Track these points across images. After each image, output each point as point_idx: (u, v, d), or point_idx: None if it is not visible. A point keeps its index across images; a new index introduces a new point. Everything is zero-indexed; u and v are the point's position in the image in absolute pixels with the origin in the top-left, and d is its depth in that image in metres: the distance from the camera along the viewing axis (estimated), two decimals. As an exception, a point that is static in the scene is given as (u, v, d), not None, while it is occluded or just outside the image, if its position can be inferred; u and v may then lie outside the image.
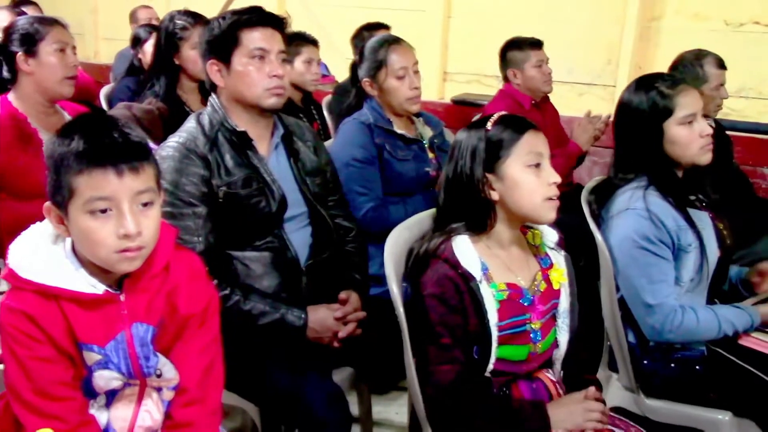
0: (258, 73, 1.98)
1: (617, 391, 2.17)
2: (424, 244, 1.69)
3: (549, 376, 1.75)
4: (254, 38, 1.98)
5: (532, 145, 1.66)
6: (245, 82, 1.98)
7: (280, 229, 2.03)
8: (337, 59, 4.74)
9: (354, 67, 2.87)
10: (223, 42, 1.99)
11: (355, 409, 2.33)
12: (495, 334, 1.62)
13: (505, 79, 3.54)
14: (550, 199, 1.65)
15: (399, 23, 4.18)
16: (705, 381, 2.01)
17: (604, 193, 2.12)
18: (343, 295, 2.05)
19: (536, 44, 3.47)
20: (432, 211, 1.83)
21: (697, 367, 2.01)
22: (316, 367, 1.92)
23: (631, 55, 4.09)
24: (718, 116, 3.32)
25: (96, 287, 1.31)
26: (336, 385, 1.89)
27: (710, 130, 2.05)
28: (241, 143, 1.99)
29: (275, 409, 1.89)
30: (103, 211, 1.24)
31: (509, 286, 1.67)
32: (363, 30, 3.91)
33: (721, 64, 3.12)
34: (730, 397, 2.00)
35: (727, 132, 3.47)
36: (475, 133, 1.69)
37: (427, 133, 2.74)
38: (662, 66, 3.18)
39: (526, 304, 1.68)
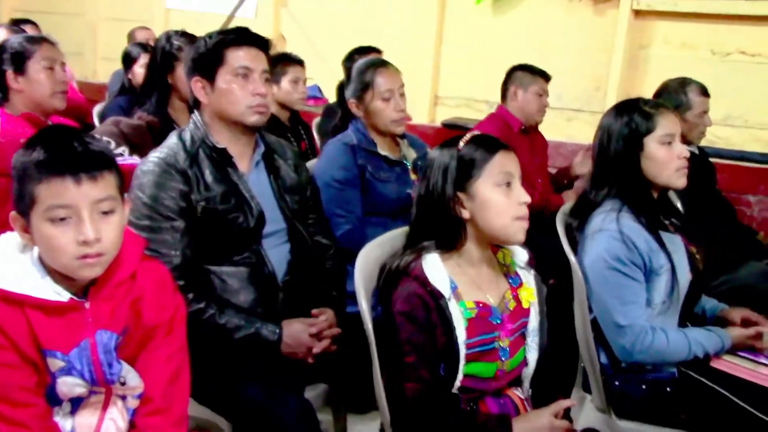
0: (241, 90, 2.01)
1: (590, 412, 2.18)
2: (395, 262, 1.71)
3: (518, 394, 1.77)
4: (239, 57, 2.02)
5: (503, 165, 1.68)
6: (229, 100, 2.02)
7: (258, 245, 2.05)
8: (332, 82, 4.78)
9: (341, 88, 2.92)
10: (208, 60, 2.03)
11: (331, 427, 2.34)
12: (463, 351, 1.64)
13: (503, 98, 3.58)
14: (520, 218, 1.67)
15: (392, 47, 4.24)
16: (675, 402, 2.02)
17: (582, 214, 2.14)
18: (316, 311, 2.07)
19: (546, 76, 3.54)
20: (405, 228, 1.86)
21: (668, 388, 2.03)
22: (289, 383, 1.94)
23: (619, 82, 4.15)
24: (704, 143, 3.37)
25: (61, 294, 1.34)
26: (307, 401, 1.90)
27: (687, 154, 2.09)
28: (222, 160, 2.02)
29: (246, 424, 1.89)
30: (63, 219, 1.27)
31: (478, 304, 1.69)
32: (354, 53, 3.96)
33: (704, 92, 3.18)
34: (700, 418, 2.01)
35: (713, 159, 3.52)
36: (448, 151, 1.71)
37: (411, 155, 2.77)
38: (650, 93, 3.23)
39: (495, 322, 1.70)
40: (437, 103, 4.85)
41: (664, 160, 2.06)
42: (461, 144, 1.70)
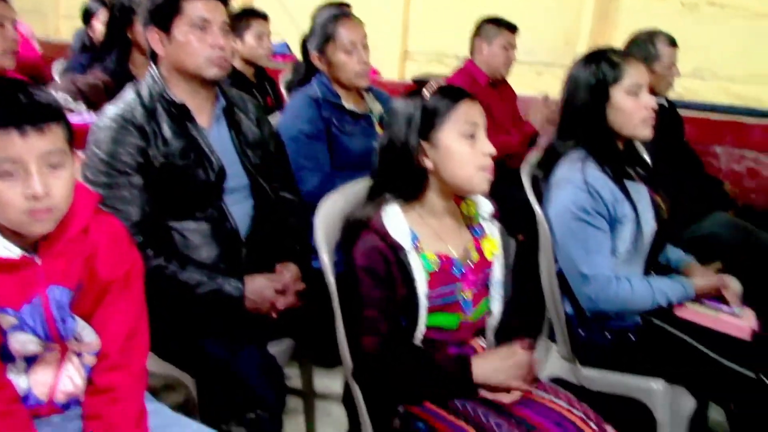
0: (199, 43, 1.96)
1: (556, 361, 2.20)
2: (355, 214, 1.69)
3: (480, 344, 1.77)
4: (197, 8, 1.96)
5: (468, 114, 1.66)
6: (187, 52, 1.97)
7: (220, 201, 2.02)
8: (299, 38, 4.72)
9: (305, 43, 2.86)
10: (164, 10, 1.97)
11: (297, 381, 2.35)
12: (424, 303, 1.63)
13: (471, 49, 3.54)
14: (484, 169, 1.66)
15: (361, 2, 4.16)
16: (639, 350, 2.04)
17: (547, 165, 2.13)
18: (279, 266, 2.05)
19: (512, 28, 3.51)
20: (369, 179, 1.84)
21: (632, 336, 2.05)
22: (252, 338, 1.92)
23: (590, 35, 4.12)
24: (673, 96, 3.37)
25: (11, 251, 1.30)
26: (270, 356, 1.90)
27: (654, 104, 2.08)
28: (180, 115, 1.98)
29: (209, 380, 1.88)
30: (10, 173, 1.23)
31: (440, 256, 1.68)
32: (324, 8, 3.88)
33: (673, 43, 3.16)
34: (663, 365, 2.04)
35: (682, 111, 3.52)
36: (412, 101, 1.69)
37: (377, 108, 2.74)
38: (620, 46, 3.20)
39: (457, 273, 1.70)
40: (407, 59, 4.80)
41: (631, 110, 2.04)
42: (425, 93, 1.68)
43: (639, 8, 4.07)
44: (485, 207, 1.81)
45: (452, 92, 1.68)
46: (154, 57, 2.04)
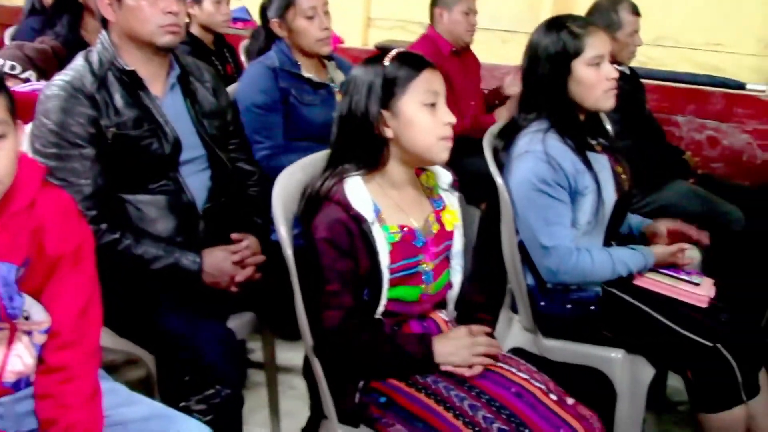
0: (151, 8, 1.89)
1: (518, 332, 2.21)
2: (316, 185, 1.66)
3: (441, 316, 1.76)
4: None
5: (429, 83, 1.63)
6: (138, 18, 1.90)
7: (176, 172, 1.97)
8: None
9: (264, 9, 2.79)
10: None
11: (260, 354, 2.33)
12: (386, 276, 1.61)
13: (432, 18, 3.50)
14: (444, 138, 1.63)
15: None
16: (599, 320, 2.05)
17: (509, 135, 2.11)
18: (236, 235, 2.01)
19: None
20: (328, 151, 1.80)
21: (592, 307, 2.05)
22: (211, 312, 1.89)
23: (553, 2, 4.08)
24: (635, 64, 3.36)
25: (-48, 226, 1.25)
26: (229, 330, 1.87)
27: (616, 75, 2.06)
28: (132, 83, 1.92)
29: (167, 355, 1.85)
30: None
31: (402, 227, 1.66)
32: (282, -28, 3.79)
33: (635, 11, 3.15)
34: (623, 335, 2.05)
35: (644, 80, 3.52)
36: (372, 68, 1.65)
37: (339, 77, 2.69)
38: (583, 13, 3.18)
39: (418, 245, 1.68)
40: (370, 25, 4.72)
41: (593, 82, 2.03)
42: (386, 61, 1.64)
43: (602, -25, 4.04)
44: (445, 178, 1.79)
45: (414, 60, 1.65)
46: (104, 23, 1.97)
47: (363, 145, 1.64)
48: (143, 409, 1.49)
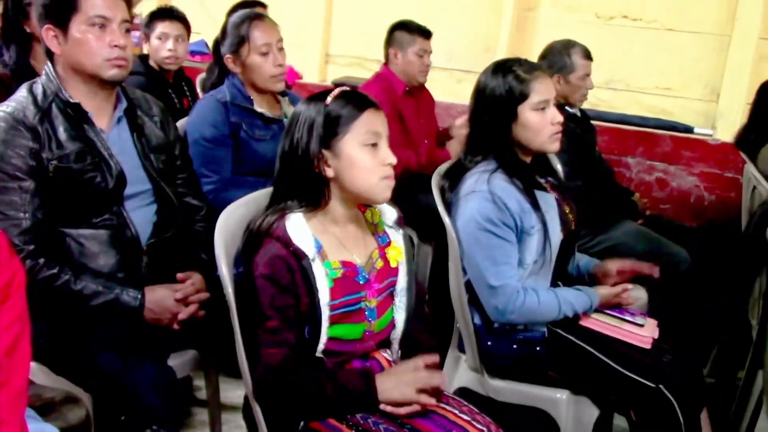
0: (98, 42, 1.88)
1: (465, 372, 2.20)
2: (258, 222, 1.64)
3: (385, 356, 1.74)
4: (95, 4, 1.87)
5: (370, 123, 1.63)
6: (84, 51, 1.88)
7: (120, 207, 1.95)
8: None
9: (217, 44, 2.79)
10: (60, 6, 1.87)
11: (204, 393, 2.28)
12: (326, 313, 1.60)
13: (386, 58, 3.53)
14: (385, 178, 1.63)
15: (281, 3, 4.11)
16: (545, 361, 2.06)
17: (455, 176, 2.13)
18: (181, 275, 1.98)
19: (425, 33, 3.49)
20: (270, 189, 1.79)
21: (538, 347, 2.06)
22: (150, 350, 1.85)
23: (508, 43, 4.17)
24: (587, 106, 3.43)
25: None
26: (168, 369, 1.83)
27: (561, 119, 2.09)
28: (77, 116, 1.89)
29: (103, 394, 1.80)
30: None
31: (344, 263, 1.65)
32: (238, 6, 3.81)
33: (587, 55, 3.22)
34: (568, 375, 2.06)
35: (595, 122, 3.59)
36: (315, 106, 1.65)
37: (291, 111, 2.68)
38: (537, 55, 3.25)
39: (361, 282, 1.67)
40: (328, 62, 4.76)
41: (538, 126, 2.06)
42: (329, 99, 1.64)
43: (556, 18, 4.15)
44: (390, 215, 1.78)
45: (356, 100, 1.65)
46: (50, 55, 1.94)
47: (304, 183, 1.63)
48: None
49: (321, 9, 4.65)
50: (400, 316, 1.76)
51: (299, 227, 1.61)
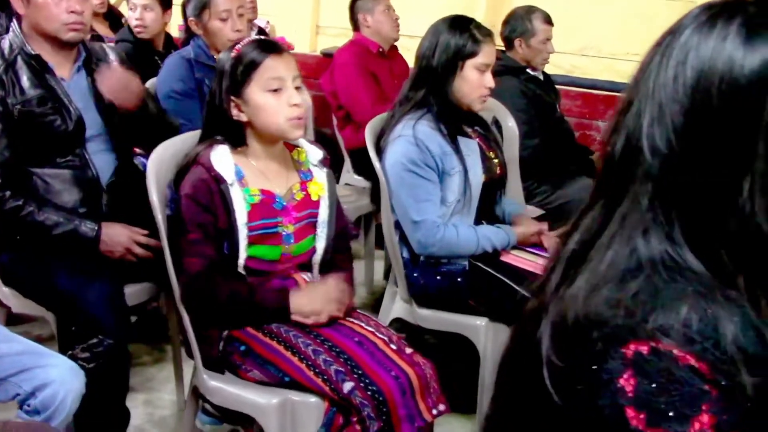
0: (56, 7, 2.09)
1: (399, 303, 2.40)
2: (189, 153, 1.86)
3: (304, 278, 1.95)
4: None
5: (272, 70, 1.81)
6: (43, 15, 2.10)
7: (82, 149, 2.17)
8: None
9: (184, 7, 3.00)
10: None
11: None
12: (244, 232, 1.81)
13: (355, 27, 3.72)
14: (292, 119, 1.81)
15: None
16: (466, 291, 2.25)
17: (389, 124, 2.32)
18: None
19: None
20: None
21: (459, 279, 2.25)
22: (104, 276, 2.07)
23: (485, 12, 4.31)
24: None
25: None
26: (115, 289, 2.05)
27: (493, 84, 2.29)
28: (39, 66, 2.12)
29: (60, 311, 2.04)
30: None
31: (263, 191, 1.85)
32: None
33: (548, 20, 3.39)
34: (486, 304, 2.25)
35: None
36: (225, 56, 1.85)
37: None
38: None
39: (278, 208, 1.87)
40: (318, 33, 4.93)
41: (475, 84, 2.25)
42: (236, 48, 1.83)
43: (531, -13, 4.28)
44: (315, 154, 1.99)
45: (259, 48, 1.83)
46: (17, 14, 2.17)
47: (224, 127, 1.84)
48: (18, 346, 1.68)
49: (311, -19, 4.83)
50: (320, 244, 1.96)
51: (222, 156, 1.82)
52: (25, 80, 2.09)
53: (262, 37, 1.91)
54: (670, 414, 0.75)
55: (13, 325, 2.48)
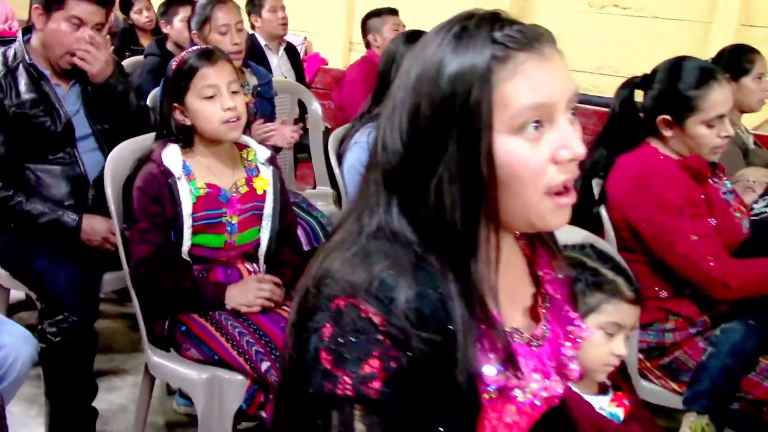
0: (67, 38, 2.32)
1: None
2: (144, 152, 2.07)
3: (248, 267, 2.12)
4: (78, 7, 2.30)
5: (205, 78, 1.98)
6: (54, 39, 2.33)
7: (73, 148, 2.42)
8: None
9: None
10: None
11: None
12: (188, 222, 1.98)
13: (367, 45, 3.90)
14: (227, 122, 1.98)
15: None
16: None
17: (350, 132, 2.48)
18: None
19: (393, 11, 3.85)
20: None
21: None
22: (80, 262, 2.29)
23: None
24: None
25: None
26: (85, 274, 2.27)
27: None
28: (37, 75, 2.37)
29: (35, 290, 2.29)
30: None
31: (209, 185, 2.03)
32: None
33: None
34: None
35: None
36: (170, 65, 2.05)
37: (252, 81, 3.09)
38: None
39: (223, 200, 2.04)
40: (351, 49, 5.15)
41: None
42: (179, 59, 2.03)
43: (551, 7, 4.36)
44: (262, 153, 2.16)
45: (196, 57, 2.01)
46: (32, 25, 2.40)
47: (173, 130, 2.03)
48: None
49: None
50: (264, 236, 2.13)
51: (172, 154, 2.01)
52: (22, 85, 2.35)
53: (208, 46, 2.09)
54: (348, 357, 0.90)
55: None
